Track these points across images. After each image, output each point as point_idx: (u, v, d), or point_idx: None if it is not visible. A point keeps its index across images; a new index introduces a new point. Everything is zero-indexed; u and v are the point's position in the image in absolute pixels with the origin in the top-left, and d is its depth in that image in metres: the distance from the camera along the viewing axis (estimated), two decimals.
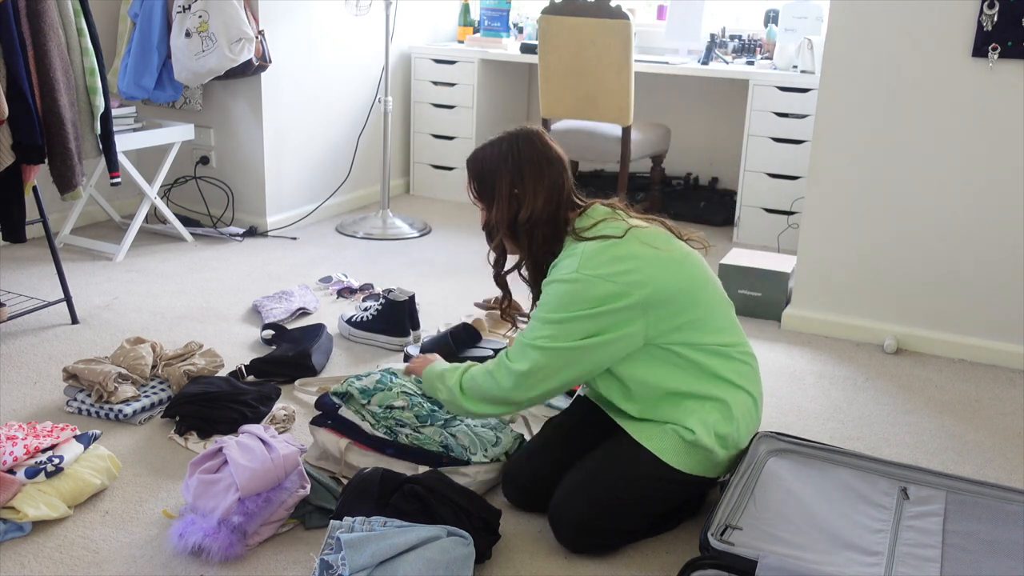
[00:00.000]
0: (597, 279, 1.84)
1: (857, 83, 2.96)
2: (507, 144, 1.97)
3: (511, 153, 1.96)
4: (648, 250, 1.89)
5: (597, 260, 1.86)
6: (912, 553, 1.71)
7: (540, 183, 1.94)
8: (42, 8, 2.74)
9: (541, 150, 1.97)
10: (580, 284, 1.84)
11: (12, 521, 1.88)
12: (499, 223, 1.99)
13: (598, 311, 1.84)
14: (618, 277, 1.84)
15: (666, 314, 1.87)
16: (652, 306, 1.86)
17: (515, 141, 1.97)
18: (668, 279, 1.88)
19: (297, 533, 1.93)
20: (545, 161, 1.96)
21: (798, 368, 2.90)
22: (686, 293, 1.90)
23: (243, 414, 2.30)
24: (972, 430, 2.53)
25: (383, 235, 4.16)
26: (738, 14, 4.70)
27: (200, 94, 4.06)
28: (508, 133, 2.00)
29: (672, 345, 1.89)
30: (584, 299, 1.84)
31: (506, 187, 1.95)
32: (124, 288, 3.36)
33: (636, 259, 1.87)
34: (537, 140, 1.98)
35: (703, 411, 1.90)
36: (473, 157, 2.02)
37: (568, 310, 1.85)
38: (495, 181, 1.97)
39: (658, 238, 1.94)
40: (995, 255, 2.91)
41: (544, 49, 3.94)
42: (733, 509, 1.80)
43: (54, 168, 2.85)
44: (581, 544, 1.88)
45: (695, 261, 1.97)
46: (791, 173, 4.05)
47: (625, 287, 1.84)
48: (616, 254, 1.87)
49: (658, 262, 1.89)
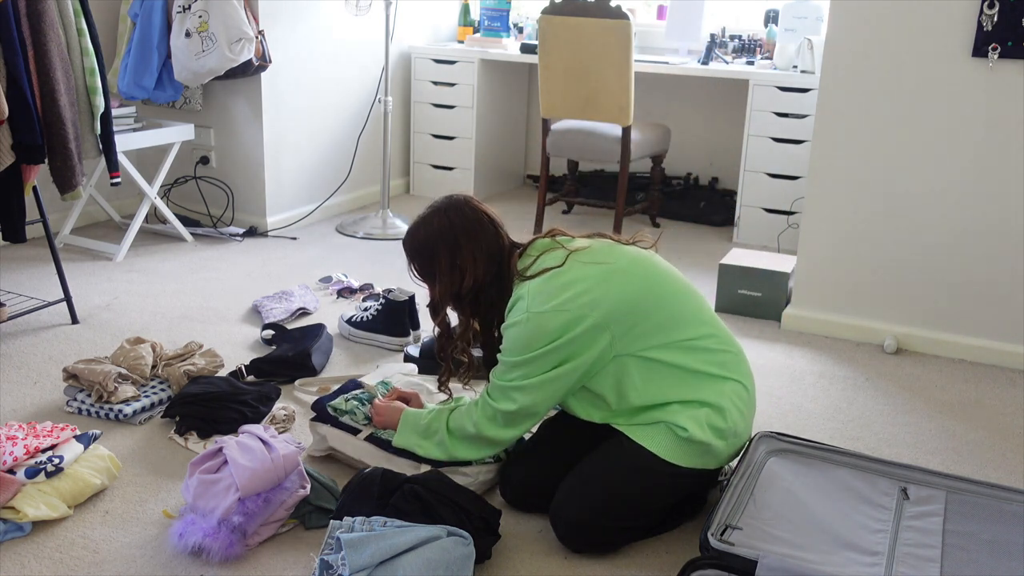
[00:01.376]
0: (549, 313, 1.85)
1: (857, 83, 2.96)
2: (438, 218, 1.97)
3: (444, 226, 1.96)
4: (592, 268, 1.90)
5: (544, 295, 1.87)
6: (912, 553, 1.71)
7: (479, 248, 1.95)
8: (42, 8, 2.74)
9: (473, 216, 1.97)
10: (533, 323, 1.85)
11: (12, 521, 1.88)
12: (443, 298, 2.00)
13: (559, 343, 1.85)
14: (568, 304, 1.85)
15: (629, 324, 1.88)
16: (612, 321, 1.87)
17: (446, 213, 1.97)
18: (620, 291, 1.88)
19: (297, 533, 1.93)
20: (478, 225, 1.96)
21: (798, 368, 2.90)
22: (643, 298, 1.90)
23: (243, 414, 2.30)
24: (972, 430, 2.53)
25: (383, 235, 4.16)
26: (738, 14, 4.70)
27: (200, 94, 4.06)
28: (437, 207, 1.99)
29: (645, 351, 1.89)
30: (542, 335, 1.85)
31: (446, 261, 1.95)
32: (124, 288, 3.37)
33: (582, 281, 1.88)
34: (466, 207, 1.98)
35: (691, 409, 1.89)
36: (409, 238, 2.01)
37: (530, 349, 1.86)
38: (434, 257, 1.97)
39: (600, 253, 1.95)
40: (995, 255, 2.91)
41: (544, 49, 3.94)
42: (733, 509, 1.80)
43: (54, 168, 2.85)
44: (583, 543, 1.88)
45: (645, 264, 1.97)
46: (791, 173, 4.05)
47: (578, 311, 1.85)
48: (560, 283, 1.88)
49: (605, 277, 1.89)
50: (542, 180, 4.23)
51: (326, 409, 2.17)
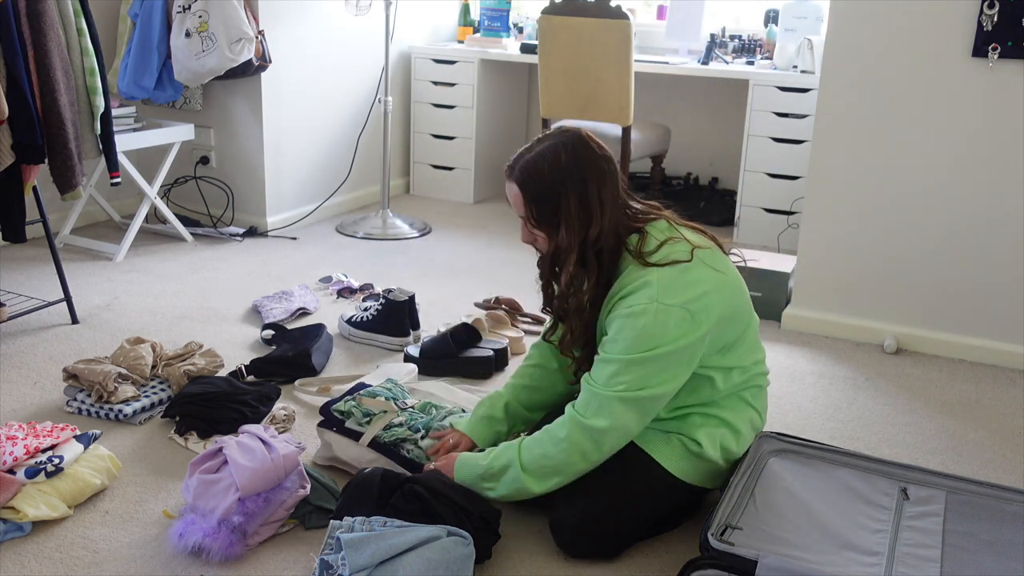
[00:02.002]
0: (674, 308, 1.72)
1: (857, 83, 2.96)
2: (564, 152, 1.76)
3: (573, 162, 1.75)
4: (713, 275, 1.80)
5: (673, 288, 1.73)
6: (912, 553, 1.71)
7: (606, 191, 1.77)
8: (42, 8, 2.74)
9: (600, 153, 1.78)
10: (660, 315, 1.71)
11: (12, 521, 1.88)
12: (570, 245, 1.77)
13: (675, 348, 1.72)
14: (691, 304, 1.73)
15: (721, 339, 1.84)
16: (713, 332, 1.80)
17: (572, 147, 1.77)
18: (728, 305, 1.82)
19: (297, 533, 1.93)
20: (605, 163, 1.78)
21: (798, 368, 2.90)
22: (739, 318, 1.87)
23: (243, 414, 2.30)
24: (972, 430, 2.53)
25: (383, 235, 4.16)
26: (738, 14, 4.70)
27: (200, 94, 4.06)
28: (557, 141, 1.79)
29: (708, 369, 1.86)
30: (661, 333, 1.71)
31: (575, 203, 1.75)
32: (124, 288, 3.36)
33: (704, 284, 1.77)
34: (592, 142, 1.79)
35: (710, 426, 1.91)
36: (527, 175, 1.78)
37: (646, 346, 1.71)
38: (560, 199, 1.75)
39: (717, 259, 1.84)
40: (995, 255, 2.91)
41: (544, 49, 3.94)
42: (733, 509, 1.80)
43: (54, 168, 2.85)
44: (581, 550, 1.88)
45: (743, 283, 1.92)
46: (791, 173, 4.05)
47: (697, 315, 1.74)
48: (689, 280, 1.75)
49: (722, 288, 1.81)
50: None
51: (332, 412, 2.17)
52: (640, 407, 1.77)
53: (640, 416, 1.79)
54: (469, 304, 3.30)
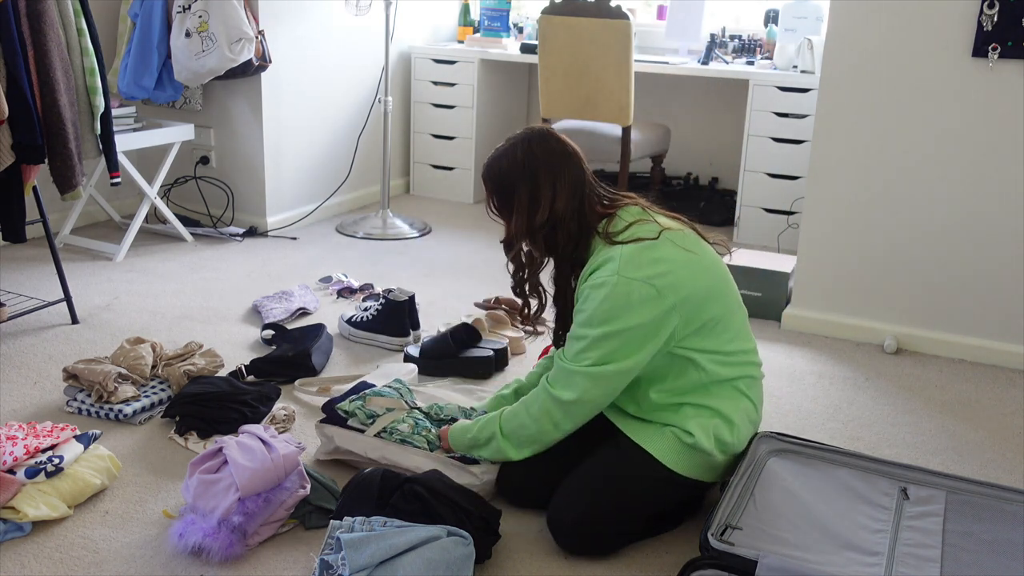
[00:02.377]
0: (636, 282, 1.80)
1: (857, 83, 2.96)
2: (520, 149, 1.91)
3: (526, 157, 1.90)
4: (681, 253, 1.87)
5: (636, 262, 1.82)
6: (912, 553, 1.71)
7: (560, 181, 1.90)
8: (42, 8, 2.74)
9: (556, 147, 1.92)
10: (620, 287, 1.80)
11: (12, 521, 1.88)
12: (518, 231, 1.93)
13: (639, 322, 1.80)
14: (656, 280, 1.81)
15: (692, 317, 1.87)
16: (684, 309, 1.85)
17: (528, 143, 1.91)
18: (698, 282, 1.87)
19: (297, 533, 1.93)
20: (562, 157, 1.92)
21: (798, 368, 2.90)
22: (712, 298, 1.89)
23: (243, 414, 2.30)
24: (972, 430, 2.53)
25: (383, 235, 4.16)
26: (738, 14, 4.70)
27: (200, 94, 4.06)
28: (518, 138, 1.94)
29: (687, 351, 1.89)
30: (624, 305, 1.80)
31: (525, 193, 1.90)
32: (124, 288, 3.36)
33: (670, 262, 1.85)
34: (550, 138, 1.93)
35: (703, 417, 1.91)
36: (489, 170, 1.95)
37: (609, 320, 1.81)
38: (514, 190, 1.91)
39: (688, 240, 1.92)
40: (995, 255, 2.91)
41: (544, 49, 3.94)
42: (733, 509, 1.80)
43: (54, 168, 2.85)
44: (579, 547, 1.88)
45: (721, 266, 1.97)
46: (791, 173, 4.05)
47: (661, 290, 1.81)
48: (653, 256, 1.84)
49: (690, 265, 1.87)
50: None
51: (336, 411, 2.17)
52: (606, 381, 1.85)
53: (607, 389, 1.87)
54: (469, 304, 3.30)
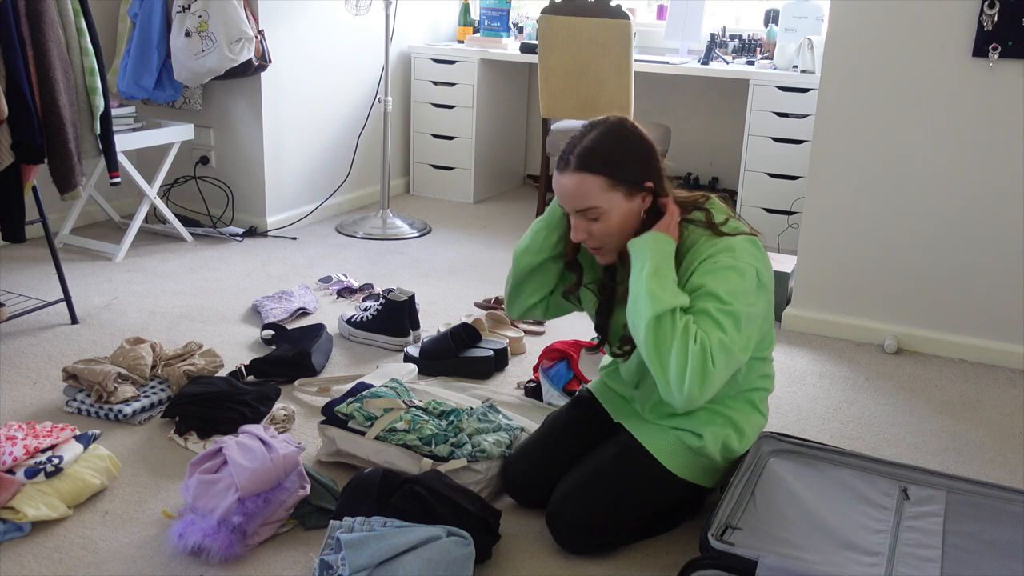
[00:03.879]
0: (749, 272, 1.77)
1: (857, 83, 2.96)
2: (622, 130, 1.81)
3: (636, 135, 1.81)
4: (764, 253, 1.87)
5: (748, 253, 1.79)
6: (912, 553, 1.71)
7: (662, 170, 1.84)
8: (42, 8, 2.74)
9: (646, 136, 1.84)
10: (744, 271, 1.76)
11: (11, 521, 1.88)
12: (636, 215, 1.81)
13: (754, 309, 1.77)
14: (763, 274, 1.81)
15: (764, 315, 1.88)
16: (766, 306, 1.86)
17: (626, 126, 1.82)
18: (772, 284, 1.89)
19: (297, 533, 1.93)
20: (653, 148, 1.84)
21: (798, 368, 2.90)
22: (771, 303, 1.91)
23: (243, 414, 2.30)
24: (972, 430, 2.53)
25: (383, 235, 4.16)
26: (738, 14, 4.70)
27: (200, 94, 4.06)
28: (606, 125, 1.82)
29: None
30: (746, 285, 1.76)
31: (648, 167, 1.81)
32: (124, 288, 3.36)
33: (766, 259, 1.85)
34: (636, 127, 1.85)
35: (715, 424, 1.91)
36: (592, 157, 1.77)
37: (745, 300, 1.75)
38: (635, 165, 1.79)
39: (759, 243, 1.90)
40: (995, 255, 2.91)
41: (544, 49, 3.94)
42: (733, 509, 1.80)
43: (54, 168, 2.85)
44: (578, 545, 1.88)
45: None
46: (791, 173, 4.05)
47: (767, 285, 1.83)
48: (757, 251, 1.83)
49: (770, 266, 1.88)
50: (542, 180, 4.23)
51: (335, 413, 2.17)
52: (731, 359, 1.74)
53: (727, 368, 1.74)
54: (469, 304, 3.30)
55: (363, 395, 2.22)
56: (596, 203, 1.78)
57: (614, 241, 1.84)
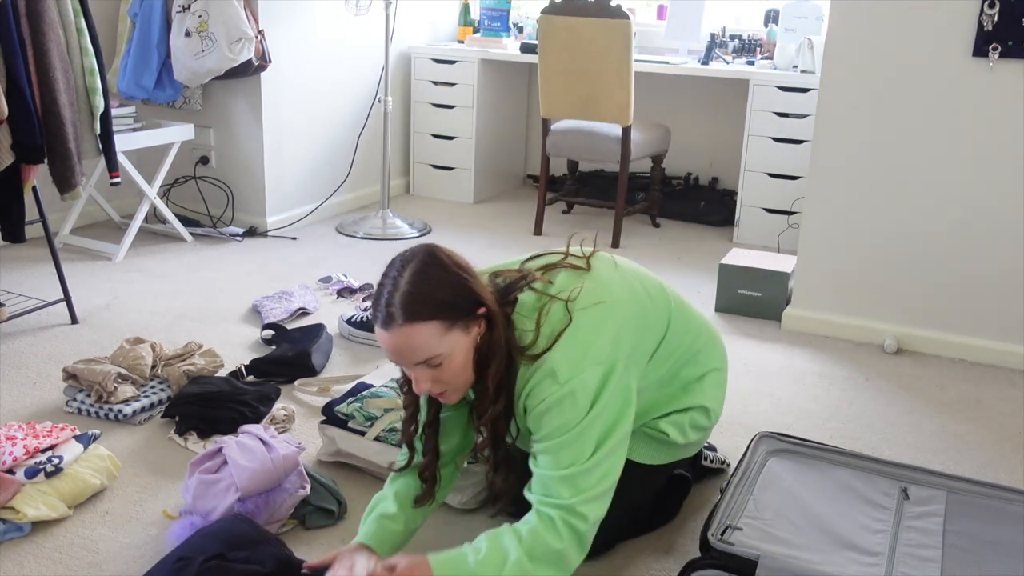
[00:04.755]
0: (586, 373, 1.61)
1: (857, 83, 2.96)
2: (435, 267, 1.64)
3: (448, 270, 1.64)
4: (597, 311, 1.68)
5: (572, 361, 1.61)
6: (912, 553, 1.71)
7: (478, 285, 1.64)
8: (42, 8, 2.74)
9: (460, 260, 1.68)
10: (577, 388, 1.59)
11: (11, 521, 1.88)
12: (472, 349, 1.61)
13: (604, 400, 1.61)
14: (599, 356, 1.63)
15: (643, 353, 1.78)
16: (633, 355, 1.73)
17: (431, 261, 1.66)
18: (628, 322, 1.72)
19: (297, 533, 1.93)
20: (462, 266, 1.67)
21: (798, 368, 2.90)
22: (647, 323, 1.79)
23: (243, 414, 2.30)
24: (972, 430, 2.53)
25: (383, 235, 4.16)
26: (738, 14, 4.70)
27: (200, 94, 4.06)
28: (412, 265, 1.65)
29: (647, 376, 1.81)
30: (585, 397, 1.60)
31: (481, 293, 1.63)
32: (124, 288, 3.36)
33: (595, 329, 1.66)
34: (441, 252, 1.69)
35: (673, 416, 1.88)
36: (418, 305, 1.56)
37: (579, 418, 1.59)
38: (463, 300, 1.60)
39: (591, 292, 1.70)
40: (995, 255, 2.91)
41: (544, 49, 3.94)
42: (733, 509, 1.80)
43: (54, 168, 2.85)
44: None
45: (630, 282, 1.81)
46: (791, 173, 4.05)
47: (609, 359, 1.64)
48: (579, 339, 1.63)
49: (611, 315, 1.69)
50: (542, 180, 4.23)
51: (335, 413, 2.17)
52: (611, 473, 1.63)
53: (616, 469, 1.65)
54: None
55: (363, 395, 2.22)
56: (437, 351, 1.56)
57: (460, 380, 1.63)
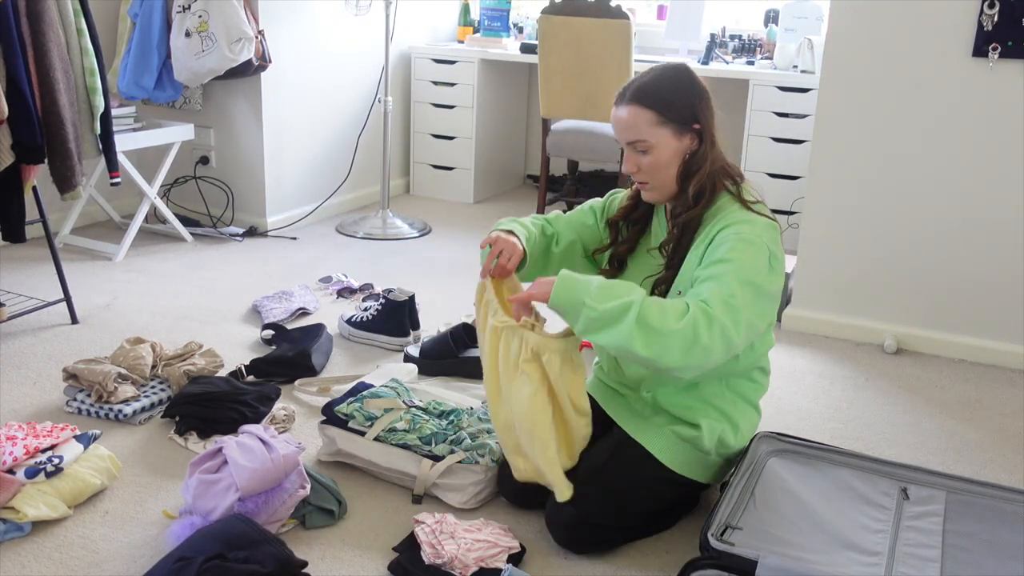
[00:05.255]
0: (774, 258, 1.80)
1: (857, 83, 2.96)
2: (683, 72, 1.87)
3: (693, 80, 1.86)
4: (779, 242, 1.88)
5: (773, 237, 1.83)
6: (912, 553, 1.71)
7: (713, 120, 1.88)
8: (42, 8, 2.74)
9: (706, 87, 1.89)
10: (761, 253, 1.77)
11: (12, 521, 1.88)
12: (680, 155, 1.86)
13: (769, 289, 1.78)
14: (780, 265, 1.83)
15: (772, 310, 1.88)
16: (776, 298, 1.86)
17: (688, 71, 1.88)
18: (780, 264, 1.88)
19: (297, 533, 1.93)
20: (709, 99, 1.88)
21: (798, 368, 2.90)
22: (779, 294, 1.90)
23: (243, 414, 2.30)
24: (972, 430, 2.53)
25: (383, 235, 4.16)
26: (738, 14, 4.70)
27: (200, 94, 4.06)
28: (666, 68, 1.89)
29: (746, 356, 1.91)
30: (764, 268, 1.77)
31: (705, 110, 1.86)
32: (124, 288, 3.36)
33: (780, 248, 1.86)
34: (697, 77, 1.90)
35: (711, 418, 1.92)
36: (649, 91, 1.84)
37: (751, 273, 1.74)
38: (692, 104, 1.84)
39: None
40: (995, 255, 2.91)
41: (544, 49, 3.94)
42: (733, 509, 1.80)
43: (54, 168, 2.85)
44: (578, 544, 1.88)
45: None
46: (791, 173, 4.05)
47: (777, 270, 1.82)
48: (777, 237, 1.85)
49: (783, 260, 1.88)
50: (542, 180, 4.23)
51: (335, 413, 2.17)
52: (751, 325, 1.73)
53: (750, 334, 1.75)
54: (469, 304, 3.29)
55: (363, 395, 2.22)
56: (645, 136, 1.85)
57: (660, 177, 1.88)
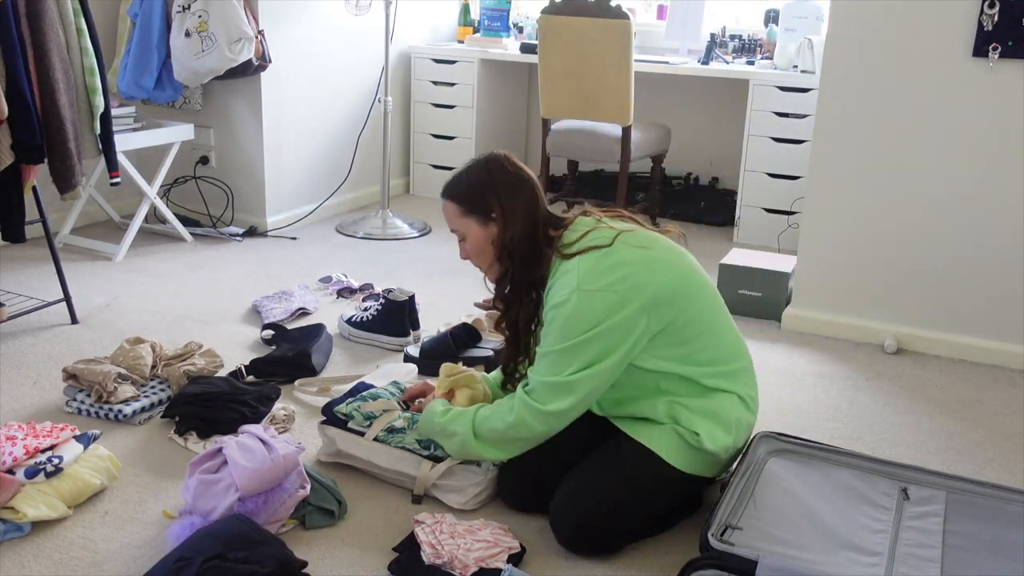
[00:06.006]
0: (598, 293, 1.83)
1: (857, 83, 2.96)
2: (485, 167, 1.98)
3: (489, 174, 1.96)
4: (639, 253, 1.89)
5: (594, 273, 1.84)
6: (912, 553, 1.71)
7: (519, 200, 1.95)
8: (42, 8, 2.74)
9: (512, 171, 1.98)
10: (583, 301, 1.82)
11: (11, 521, 1.88)
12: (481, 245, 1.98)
13: (605, 326, 1.82)
14: (617, 286, 1.83)
15: (666, 315, 1.87)
16: (652, 308, 1.85)
17: (491, 163, 1.98)
18: (660, 279, 1.88)
19: (297, 533, 1.93)
20: (521, 178, 1.97)
21: (798, 368, 2.90)
22: (682, 293, 1.90)
23: (243, 414, 2.29)
24: (972, 430, 2.53)
25: (383, 235, 4.16)
26: (738, 14, 4.70)
27: (200, 94, 4.06)
28: (479, 159, 2.01)
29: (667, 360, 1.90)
30: (589, 316, 1.82)
31: (497, 205, 1.95)
32: (124, 288, 3.36)
33: (630, 264, 1.86)
34: (509, 161, 1.99)
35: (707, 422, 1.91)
36: (458, 188, 1.99)
37: (577, 332, 1.82)
38: (478, 202, 1.95)
39: (645, 238, 1.94)
40: (995, 255, 2.91)
41: (544, 49, 3.94)
42: (733, 509, 1.80)
43: (54, 168, 2.85)
44: (582, 546, 1.88)
45: (684, 257, 1.98)
46: (791, 173, 4.05)
47: (626, 294, 1.83)
48: (610, 263, 1.86)
49: (649, 263, 1.88)
50: (542, 180, 4.23)
51: (335, 414, 2.17)
52: (588, 385, 1.85)
53: (591, 392, 1.88)
54: (469, 304, 3.29)
55: (363, 395, 2.22)
56: (457, 227, 2.01)
57: (482, 260, 2.01)
